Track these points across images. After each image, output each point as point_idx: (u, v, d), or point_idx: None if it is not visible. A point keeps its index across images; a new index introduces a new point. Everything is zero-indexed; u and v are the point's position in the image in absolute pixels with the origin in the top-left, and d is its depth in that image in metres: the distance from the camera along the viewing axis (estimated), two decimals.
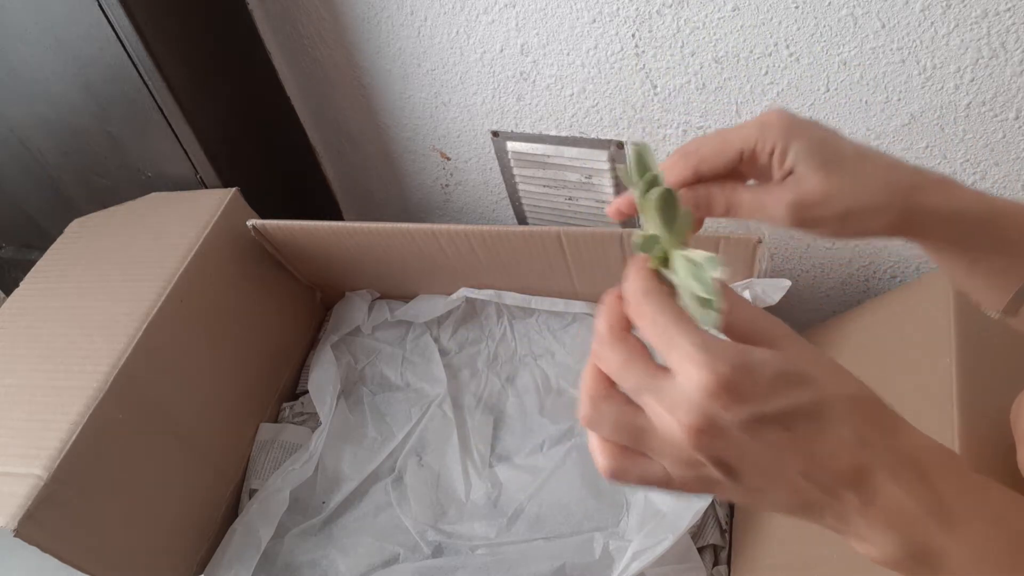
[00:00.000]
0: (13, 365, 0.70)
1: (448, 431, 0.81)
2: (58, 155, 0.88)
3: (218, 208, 0.80)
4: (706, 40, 0.66)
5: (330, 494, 0.78)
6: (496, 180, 0.93)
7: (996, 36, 0.56)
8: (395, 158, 0.99)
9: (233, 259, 0.82)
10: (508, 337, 0.88)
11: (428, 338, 0.90)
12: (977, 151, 0.63)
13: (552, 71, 0.76)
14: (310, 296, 0.96)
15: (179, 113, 0.78)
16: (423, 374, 0.87)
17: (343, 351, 0.90)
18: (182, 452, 0.74)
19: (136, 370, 0.68)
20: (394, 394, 0.87)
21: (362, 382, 0.89)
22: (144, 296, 0.72)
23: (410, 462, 0.80)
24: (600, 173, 0.82)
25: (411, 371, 0.88)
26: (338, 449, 0.81)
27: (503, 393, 0.84)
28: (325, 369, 0.87)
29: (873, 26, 0.59)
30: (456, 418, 0.81)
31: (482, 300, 0.87)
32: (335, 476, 0.80)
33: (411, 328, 0.91)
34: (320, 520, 0.77)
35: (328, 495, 0.78)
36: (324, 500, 0.78)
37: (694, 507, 0.63)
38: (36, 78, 0.79)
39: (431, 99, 0.87)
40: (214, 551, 0.75)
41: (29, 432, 0.63)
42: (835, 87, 0.64)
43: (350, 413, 0.85)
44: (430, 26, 0.78)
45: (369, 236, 0.79)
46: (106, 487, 0.65)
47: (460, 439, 0.80)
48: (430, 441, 0.81)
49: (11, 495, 0.58)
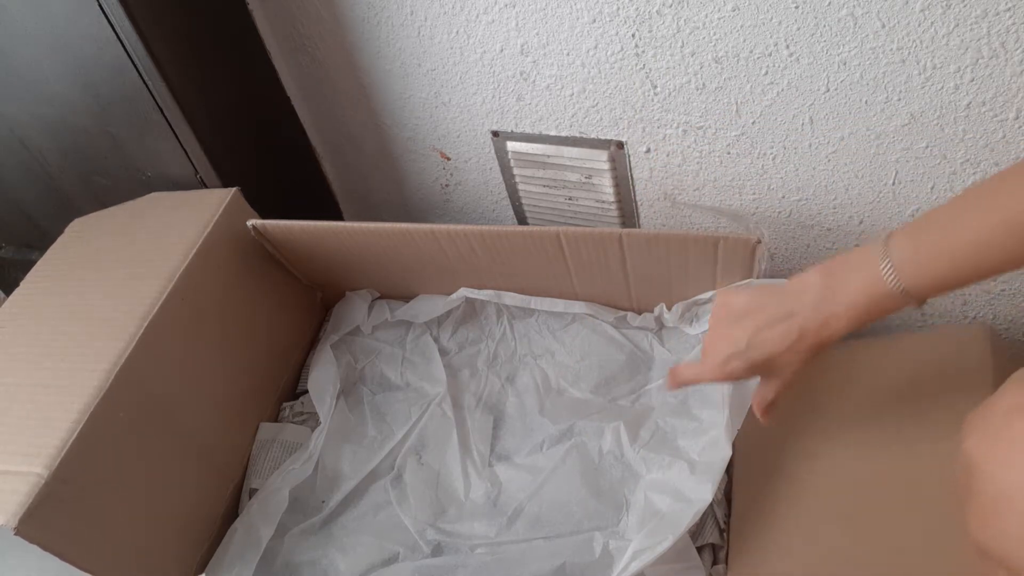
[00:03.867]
0: (13, 364, 0.70)
1: (448, 430, 0.81)
2: (58, 155, 0.88)
3: (218, 208, 0.80)
4: (706, 40, 0.66)
5: (330, 493, 0.78)
6: (496, 180, 0.93)
7: (996, 36, 0.56)
8: (395, 158, 0.99)
9: (233, 259, 0.82)
10: (508, 337, 0.88)
11: (428, 338, 0.90)
12: (977, 151, 0.63)
13: (552, 71, 0.76)
14: (310, 296, 0.96)
15: (179, 113, 0.78)
16: (423, 374, 0.87)
17: (343, 351, 0.90)
18: (182, 451, 0.74)
19: (136, 369, 0.68)
20: (394, 394, 0.87)
21: (362, 382, 0.89)
22: (144, 296, 0.72)
23: (409, 461, 0.80)
24: (600, 173, 0.83)
25: (411, 371, 0.88)
26: (338, 448, 0.81)
27: (503, 393, 0.84)
28: (325, 369, 0.87)
29: (873, 26, 0.59)
30: (456, 417, 0.81)
31: (482, 300, 0.87)
32: (335, 475, 0.80)
33: (411, 328, 0.91)
34: (320, 519, 0.77)
35: (328, 494, 0.78)
36: (324, 499, 0.78)
37: (694, 507, 0.63)
38: (36, 78, 0.79)
39: (431, 99, 0.87)
40: (214, 551, 0.75)
41: (29, 431, 0.63)
42: (835, 87, 0.64)
43: (350, 412, 0.85)
44: (430, 26, 0.78)
45: (369, 236, 0.79)
46: (106, 486, 0.65)
47: (460, 438, 0.80)
48: (430, 440, 0.81)
49: (12, 493, 0.58)
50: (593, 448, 0.76)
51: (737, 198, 0.78)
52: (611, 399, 0.79)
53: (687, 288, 0.76)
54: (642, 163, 0.80)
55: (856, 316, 0.48)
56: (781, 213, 0.78)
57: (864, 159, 0.68)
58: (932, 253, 0.45)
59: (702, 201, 0.81)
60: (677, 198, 0.82)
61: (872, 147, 0.67)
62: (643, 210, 0.86)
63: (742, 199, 0.78)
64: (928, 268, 0.45)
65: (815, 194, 0.74)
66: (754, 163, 0.74)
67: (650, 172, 0.81)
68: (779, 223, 0.78)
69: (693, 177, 0.79)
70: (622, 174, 0.82)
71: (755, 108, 0.69)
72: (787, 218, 0.78)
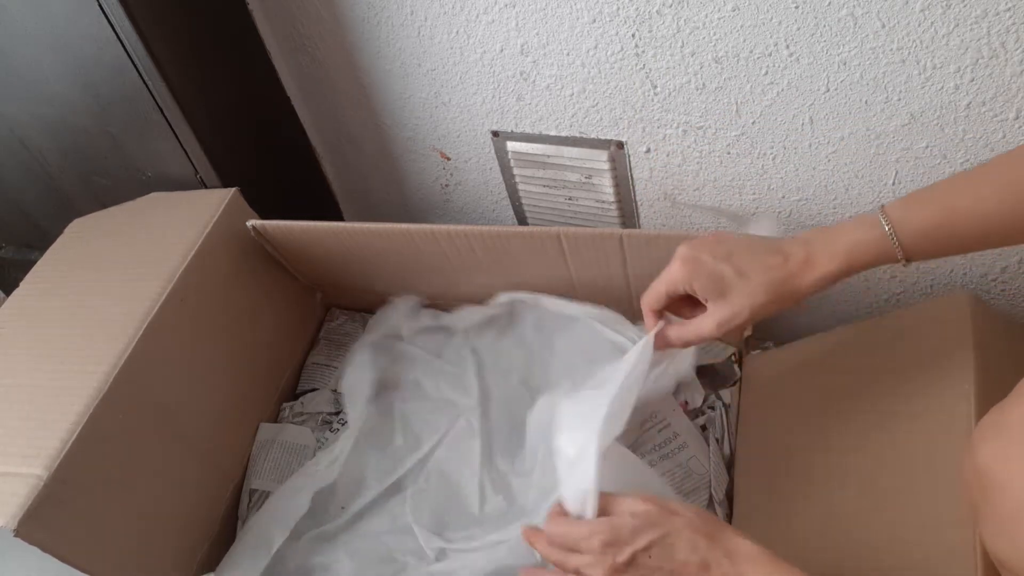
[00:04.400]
0: (13, 365, 0.70)
1: (471, 443, 0.79)
2: (58, 155, 0.88)
3: (218, 208, 0.80)
4: (706, 40, 0.66)
5: (350, 500, 0.78)
6: (496, 180, 0.93)
7: (996, 36, 0.56)
8: (395, 158, 0.99)
9: (233, 259, 0.82)
10: (544, 349, 0.85)
11: (466, 347, 0.87)
12: (977, 151, 0.63)
13: (552, 71, 0.76)
14: (310, 296, 0.96)
15: (179, 113, 0.78)
16: (456, 383, 0.85)
17: (380, 353, 0.88)
18: (182, 452, 0.74)
19: (136, 370, 0.68)
20: (424, 403, 0.85)
21: (395, 387, 0.87)
22: (144, 296, 0.72)
23: (431, 472, 0.79)
24: (600, 173, 0.83)
25: (444, 380, 0.86)
26: (363, 454, 0.80)
27: (531, 407, 0.82)
28: (360, 371, 0.85)
29: (873, 26, 0.59)
30: (482, 430, 0.80)
31: (521, 309, 0.84)
32: (358, 481, 0.79)
33: (450, 336, 0.89)
34: (337, 525, 0.76)
35: (348, 501, 0.78)
36: (343, 505, 0.77)
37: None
38: (36, 78, 0.79)
39: (431, 99, 0.87)
40: (214, 551, 0.75)
41: (29, 432, 0.63)
42: (835, 87, 0.64)
43: (380, 418, 0.84)
44: (430, 26, 0.78)
45: (369, 236, 0.79)
46: (106, 487, 0.65)
47: (483, 451, 0.78)
48: (452, 453, 0.80)
49: (11, 495, 0.58)
50: None
51: (737, 198, 0.78)
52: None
53: None
54: (642, 163, 0.80)
55: (843, 256, 0.49)
56: (781, 213, 0.78)
57: (864, 159, 0.68)
58: (922, 199, 0.48)
59: (702, 201, 0.81)
60: (677, 198, 0.82)
61: (872, 147, 0.67)
62: (643, 210, 0.86)
63: (742, 199, 0.78)
64: (916, 212, 0.48)
65: (815, 194, 0.74)
66: (754, 163, 0.74)
67: (650, 172, 0.81)
68: (779, 223, 0.78)
69: (693, 177, 0.79)
70: (622, 174, 0.82)
71: (755, 108, 0.69)
72: (787, 218, 0.78)
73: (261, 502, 0.79)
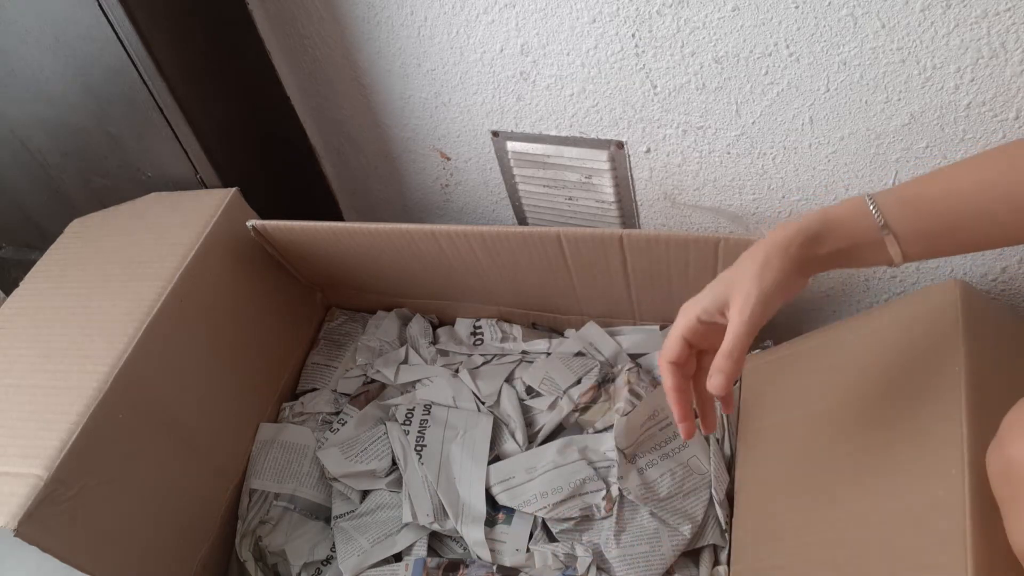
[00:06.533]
0: (13, 365, 0.70)
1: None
2: (58, 155, 0.88)
3: (218, 208, 0.80)
4: (706, 40, 0.66)
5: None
6: (496, 180, 0.93)
7: (996, 36, 0.56)
8: (395, 158, 0.99)
9: (233, 259, 0.82)
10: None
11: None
12: (977, 151, 0.63)
13: (552, 71, 0.76)
14: (310, 296, 0.96)
15: (179, 113, 0.78)
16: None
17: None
18: (182, 452, 0.74)
19: (136, 370, 0.68)
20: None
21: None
22: (144, 296, 0.72)
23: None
24: (600, 173, 0.83)
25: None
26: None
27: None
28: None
29: (873, 26, 0.59)
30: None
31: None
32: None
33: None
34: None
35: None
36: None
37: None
38: (36, 78, 0.79)
39: (431, 99, 0.87)
40: (214, 551, 0.75)
41: (29, 432, 0.63)
42: (835, 87, 0.64)
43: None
44: (430, 26, 0.78)
45: (369, 236, 0.79)
46: (106, 487, 0.65)
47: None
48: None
49: (11, 495, 0.58)
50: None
51: (737, 198, 0.78)
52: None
53: (687, 289, 0.76)
54: (642, 163, 0.80)
55: (832, 238, 0.49)
56: (781, 213, 0.78)
57: (864, 159, 0.68)
58: (912, 188, 0.49)
59: (702, 201, 0.81)
60: (677, 198, 0.82)
61: (872, 147, 0.67)
62: (643, 210, 0.86)
63: (742, 199, 0.78)
64: (905, 195, 0.48)
65: (815, 194, 0.74)
66: (754, 163, 0.74)
67: (650, 172, 0.81)
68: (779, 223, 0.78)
69: (693, 177, 0.79)
70: (622, 174, 0.82)
71: (755, 108, 0.69)
72: (787, 218, 0.78)
73: (261, 502, 0.79)
